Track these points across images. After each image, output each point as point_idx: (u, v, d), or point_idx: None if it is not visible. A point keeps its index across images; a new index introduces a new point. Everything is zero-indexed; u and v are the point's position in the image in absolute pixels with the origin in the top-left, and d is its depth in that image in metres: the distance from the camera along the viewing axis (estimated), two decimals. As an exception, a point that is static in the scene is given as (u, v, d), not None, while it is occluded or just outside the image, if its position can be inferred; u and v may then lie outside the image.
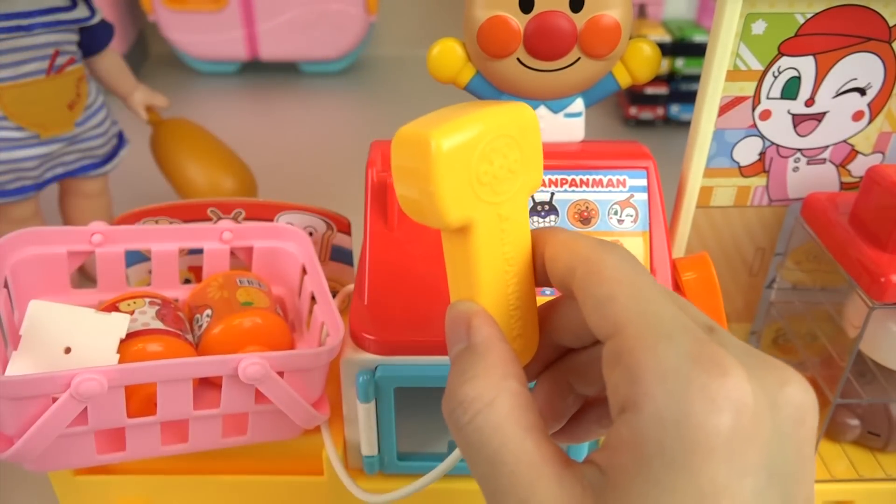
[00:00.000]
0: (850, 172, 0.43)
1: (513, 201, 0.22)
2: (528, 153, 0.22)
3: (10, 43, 0.50)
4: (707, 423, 0.16)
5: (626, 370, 0.18)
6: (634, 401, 0.17)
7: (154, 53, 1.15)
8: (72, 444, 0.35)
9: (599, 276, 0.20)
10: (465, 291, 0.23)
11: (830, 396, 0.40)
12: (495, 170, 0.21)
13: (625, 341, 0.18)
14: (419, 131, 0.20)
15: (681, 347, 0.17)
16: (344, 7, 1.02)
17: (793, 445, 0.18)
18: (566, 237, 0.22)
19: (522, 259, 0.23)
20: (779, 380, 0.18)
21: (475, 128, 0.21)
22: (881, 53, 0.39)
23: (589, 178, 0.37)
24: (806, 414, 0.18)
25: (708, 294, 0.36)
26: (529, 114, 0.22)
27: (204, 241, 0.43)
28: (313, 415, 0.37)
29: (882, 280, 0.35)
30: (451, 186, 0.20)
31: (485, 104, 0.22)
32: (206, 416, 0.36)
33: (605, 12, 0.36)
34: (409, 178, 0.21)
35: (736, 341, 0.19)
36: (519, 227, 0.23)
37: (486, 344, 0.21)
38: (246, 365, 0.34)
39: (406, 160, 0.21)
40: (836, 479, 0.42)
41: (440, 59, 0.38)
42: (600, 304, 0.19)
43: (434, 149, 0.20)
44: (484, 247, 0.22)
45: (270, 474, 0.41)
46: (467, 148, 0.20)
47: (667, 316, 0.18)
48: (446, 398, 0.20)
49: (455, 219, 0.21)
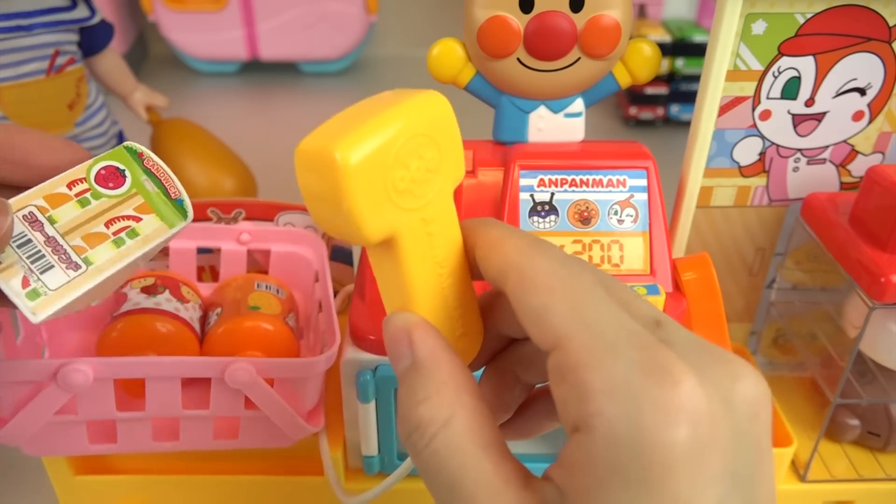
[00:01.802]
0: (850, 172, 0.43)
1: (436, 201, 0.20)
2: (446, 147, 0.20)
3: (10, 43, 0.50)
4: (663, 438, 0.16)
5: (573, 388, 0.17)
6: (586, 421, 0.17)
7: (154, 53, 1.15)
8: (64, 432, 0.35)
9: (532, 283, 0.18)
10: (400, 302, 0.21)
11: (830, 396, 0.40)
12: (412, 173, 0.19)
13: (568, 356, 0.17)
14: (322, 145, 0.18)
15: (628, 357, 0.17)
16: (344, 7, 1.02)
17: (750, 443, 0.17)
18: (496, 237, 0.20)
19: (455, 257, 0.22)
20: (730, 376, 0.17)
21: (385, 132, 0.18)
22: (881, 53, 0.39)
23: (589, 178, 0.37)
24: (760, 408, 0.17)
25: (708, 294, 0.36)
26: (441, 103, 0.20)
27: (222, 241, 0.44)
28: (302, 425, 0.37)
29: (882, 280, 0.35)
30: (366, 202, 0.18)
31: (391, 99, 0.20)
32: (196, 417, 0.36)
33: (605, 12, 0.36)
34: (319, 197, 0.19)
35: (684, 334, 0.18)
36: (446, 226, 0.21)
37: (432, 359, 0.20)
38: (233, 369, 0.34)
39: (312, 179, 0.19)
40: (836, 479, 0.42)
41: (440, 59, 0.38)
42: (536, 316, 0.18)
43: (341, 164, 0.17)
44: (412, 255, 0.20)
45: (271, 475, 0.41)
46: (379, 157, 0.18)
47: (610, 323, 0.17)
48: (401, 422, 0.19)
49: (376, 235, 0.19)
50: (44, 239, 0.24)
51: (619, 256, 0.37)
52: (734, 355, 0.18)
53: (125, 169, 0.24)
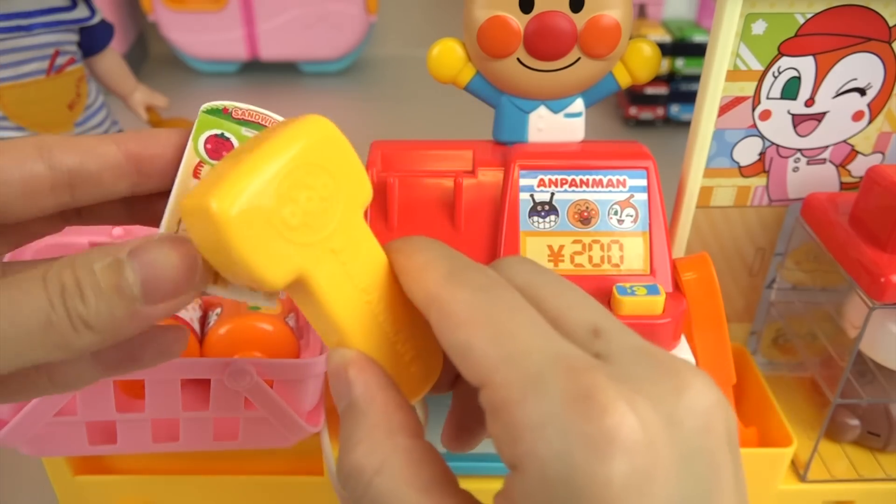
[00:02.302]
0: (850, 172, 0.43)
1: (342, 228, 0.19)
2: (340, 170, 0.19)
3: (10, 43, 0.50)
4: (596, 476, 0.15)
5: (504, 427, 0.16)
6: (518, 461, 0.16)
7: (154, 53, 1.15)
8: (64, 433, 0.35)
9: (453, 319, 0.18)
10: (334, 338, 0.20)
11: (830, 396, 0.40)
12: (304, 206, 0.18)
13: (495, 393, 0.16)
14: (199, 199, 0.17)
15: (553, 389, 0.16)
16: (344, 7, 1.02)
17: (702, 461, 0.16)
18: (417, 265, 0.19)
19: (382, 280, 0.20)
20: (675, 388, 0.16)
21: (261, 171, 0.18)
22: (881, 53, 0.39)
23: (589, 178, 0.37)
24: (711, 419, 0.16)
25: (708, 294, 0.36)
26: (324, 126, 0.19)
27: None
28: (301, 426, 0.37)
29: (882, 280, 0.35)
30: (257, 248, 0.17)
31: (266, 135, 0.19)
32: (195, 417, 0.36)
33: (605, 12, 0.36)
34: (214, 251, 0.18)
35: (626, 342, 0.17)
36: (362, 251, 0.20)
37: (365, 398, 0.19)
38: (233, 370, 0.34)
39: (200, 234, 0.18)
40: (836, 479, 0.42)
41: (440, 59, 0.38)
42: (460, 354, 0.17)
43: (220, 216, 0.17)
44: (329, 290, 0.19)
45: (271, 474, 0.41)
46: (258, 199, 0.17)
47: (534, 350, 0.16)
48: (338, 469, 0.19)
49: (280, 279, 0.18)
50: None
51: (619, 256, 0.37)
52: (683, 363, 0.17)
53: (222, 132, 0.22)
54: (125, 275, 0.17)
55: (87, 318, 0.17)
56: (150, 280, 0.18)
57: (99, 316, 0.17)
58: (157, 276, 0.18)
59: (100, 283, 0.17)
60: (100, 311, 0.17)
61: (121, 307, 0.18)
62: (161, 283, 0.18)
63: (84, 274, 0.17)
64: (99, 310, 0.17)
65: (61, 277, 0.17)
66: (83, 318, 0.17)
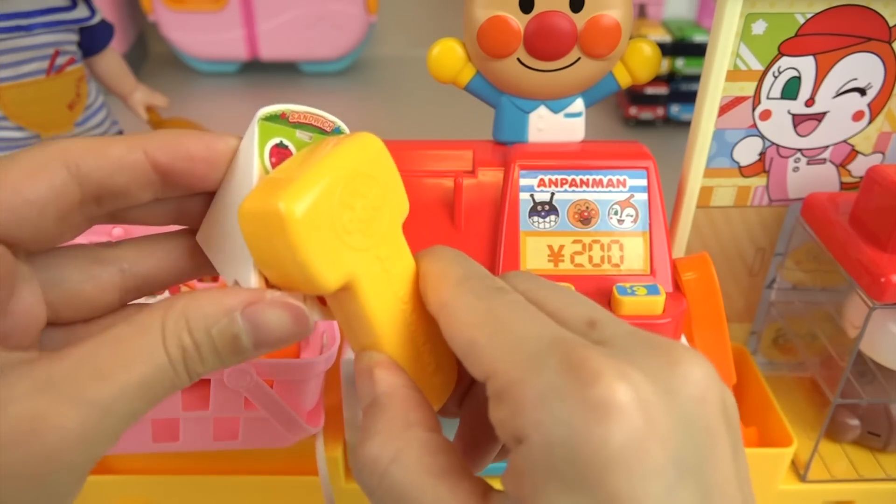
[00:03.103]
0: (850, 172, 0.43)
1: (387, 238, 0.21)
2: (386, 183, 0.21)
3: (10, 43, 0.50)
4: (594, 436, 0.15)
5: (508, 406, 0.17)
6: (522, 433, 0.17)
7: (154, 53, 1.15)
8: None
9: (458, 323, 0.19)
10: (367, 341, 0.21)
11: (830, 396, 0.40)
12: (359, 214, 0.20)
13: (498, 380, 0.17)
14: (264, 202, 0.18)
15: (550, 364, 0.17)
16: (344, 7, 1.02)
17: (699, 428, 0.17)
18: (432, 275, 0.21)
19: (415, 290, 0.22)
20: (668, 362, 0.17)
21: (325, 177, 0.19)
22: (881, 53, 0.39)
23: (589, 178, 0.37)
24: (706, 390, 0.17)
25: (708, 294, 0.36)
26: (374, 142, 0.21)
27: None
28: (301, 426, 0.37)
29: (882, 280, 0.35)
30: (319, 250, 0.18)
31: (323, 147, 0.20)
32: (195, 417, 0.36)
33: (605, 12, 0.36)
34: (271, 255, 0.19)
35: (621, 330, 0.18)
36: (402, 261, 0.21)
37: (388, 394, 0.20)
38: (232, 370, 0.34)
39: (260, 238, 0.19)
40: (836, 479, 0.42)
41: (440, 59, 0.38)
42: (466, 352, 0.19)
43: (287, 217, 0.17)
44: (373, 295, 0.20)
45: (271, 475, 0.41)
46: (324, 202, 0.18)
47: (530, 336, 0.18)
48: (352, 460, 0.20)
49: (334, 282, 0.19)
50: None
51: (619, 256, 0.37)
52: (676, 343, 0.18)
53: (282, 139, 0.22)
54: (241, 336, 0.19)
55: (203, 373, 0.19)
56: (262, 338, 0.19)
57: (213, 369, 0.19)
58: (270, 335, 0.19)
59: (216, 345, 0.18)
60: (215, 365, 0.19)
61: (233, 360, 0.19)
62: (274, 340, 0.19)
63: (201, 336, 0.18)
64: (214, 365, 0.19)
65: (181, 340, 0.18)
66: (199, 373, 0.19)
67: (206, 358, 0.18)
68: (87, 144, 0.20)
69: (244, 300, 0.19)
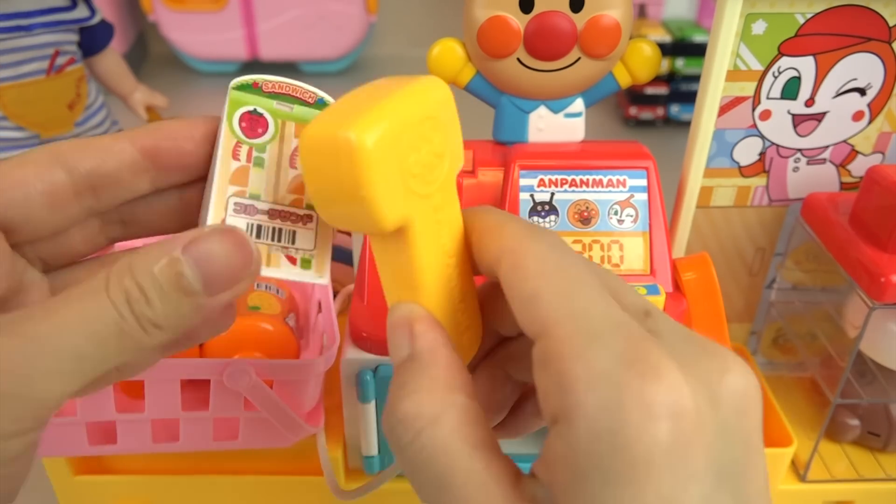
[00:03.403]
0: (850, 172, 0.43)
1: (444, 188, 0.20)
2: (449, 131, 0.20)
3: (10, 43, 0.50)
4: (644, 434, 0.15)
5: (555, 377, 0.17)
6: (566, 412, 0.16)
7: (154, 53, 1.15)
8: (63, 433, 0.35)
9: (524, 270, 0.18)
10: (407, 293, 0.20)
11: (830, 396, 0.40)
12: (423, 157, 0.19)
13: (553, 344, 0.17)
14: (333, 128, 0.17)
15: (612, 348, 0.16)
16: (344, 7, 1.02)
17: (739, 439, 0.17)
18: (493, 222, 0.20)
19: (460, 247, 0.21)
20: (718, 369, 0.17)
21: (398, 113, 0.18)
22: (881, 53, 0.39)
23: (589, 178, 0.37)
24: (749, 403, 0.17)
25: (708, 294, 0.36)
26: (445, 88, 0.20)
27: None
28: (301, 426, 0.37)
29: (882, 280, 0.35)
30: (383, 187, 0.17)
31: (400, 83, 0.19)
32: (195, 418, 0.36)
33: (605, 12, 0.36)
34: (331, 185, 0.18)
35: (673, 326, 0.18)
36: (452, 214, 0.21)
37: (430, 352, 0.19)
38: (232, 371, 0.34)
39: (322, 165, 0.18)
40: (836, 479, 0.42)
41: (440, 59, 0.38)
42: (525, 302, 0.18)
43: (358, 146, 0.17)
44: (424, 244, 0.19)
45: (270, 474, 0.41)
46: (395, 139, 0.17)
47: (597, 312, 0.17)
48: (386, 413, 0.19)
49: (392, 222, 0.18)
50: (266, 216, 0.22)
51: (619, 256, 0.37)
52: (724, 348, 0.18)
53: (255, 107, 0.22)
54: (184, 272, 0.18)
55: (155, 319, 0.18)
56: (208, 273, 0.18)
57: (167, 316, 0.18)
58: (214, 268, 0.18)
59: (161, 285, 0.18)
60: (167, 311, 0.18)
61: (185, 304, 0.18)
62: (220, 274, 0.18)
63: (144, 278, 0.18)
64: (166, 310, 0.18)
65: (123, 284, 0.18)
66: (152, 320, 0.18)
67: (152, 299, 0.18)
68: (75, 141, 0.20)
69: (186, 239, 0.18)
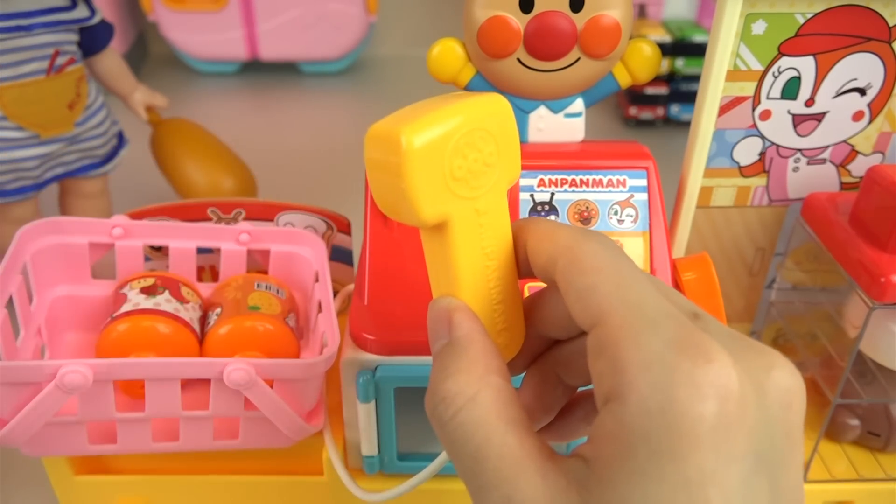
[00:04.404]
0: (850, 172, 0.43)
1: (490, 195, 0.22)
2: (505, 145, 0.22)
3: (10, 43, 0.50)
4: (692, 411, 0.16)
5: (609, 360, 0.18)
6: (619, 391, 0.17)
7: (154, 53, 1.15)
8: (63, 433, 0.35)
9: (581, 265, 0.20)
10: (446, 287, 0.22)
11: (830, 396, 0.40)
12: (469, 164, 0.21)
13: (608, 331, 0.18)
14: (391, 127, 0.20)
15: (664, 335, 0.17)
16: (344, 7, 1.02)
17: (780, 431, 0.17)
18: (547, 227, 0.22)
19: (503, 253, 0.23)
20: (765, 364, 0.18)
21: (448, 122, 0.20)
22: (881, 53, 0.39)
23: (589, 178, 0.37)
24: (793, 398, 0.18)
25: (708, 294, 0.36)
26: (504, 105, 0.22)
27: (221, 241, 0.44)
28: (302, 426, 0.37)
29: (882, 280, 0.35)
30: (424, 183, 0.20)
31: (461, 97, 0.22)
32: (196, 417, 0.36)
33: (605, 12, 0.36)
34: (382, 175, 0.21)
35: (721, 327, 0.19)
36: (498, 221, 0.22)
37: (467, 339, 0.21)
38: (231, 370, 0.34)
39: (378, 157, 0.21)
40: (836, 479, 0.42)
41: (440, 59, 0.38)
42: (582, 294, 0.19)
43: (405, 145, 0.19)
44: (462, 243, 0.22)
45: (270, 474, 0.41)
46: (439, 143, 0.20)
47: (650, 303, 0.18)
48: (429, 395, 0.20)
49: (430, 216, 0.21)
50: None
51: (619, 256, 0.37)
52: (772, 349, 0.19)
53: None
54: None
55: None
56: None
57: None
58: None
59: None
60: None
61: None
62: None
63: None
64: None
65: None
66: None
67: None
68: None
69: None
